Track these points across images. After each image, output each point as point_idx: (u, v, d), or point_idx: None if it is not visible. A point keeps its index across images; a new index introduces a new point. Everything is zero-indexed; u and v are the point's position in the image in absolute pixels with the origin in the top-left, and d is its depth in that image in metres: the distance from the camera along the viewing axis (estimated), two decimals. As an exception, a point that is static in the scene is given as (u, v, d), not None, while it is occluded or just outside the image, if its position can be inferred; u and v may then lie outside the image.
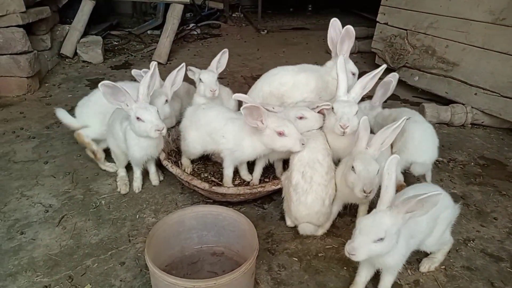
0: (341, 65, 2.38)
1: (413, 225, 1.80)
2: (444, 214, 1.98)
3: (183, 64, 2.82)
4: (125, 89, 2.29)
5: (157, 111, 2.38)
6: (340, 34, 2.74)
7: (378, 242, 1.63)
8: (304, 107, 2.53)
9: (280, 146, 2.29)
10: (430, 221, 1.91)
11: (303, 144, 2.25)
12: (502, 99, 3.51)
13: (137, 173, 2.72)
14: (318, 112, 2.50)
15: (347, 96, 2.35)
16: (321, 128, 2.50)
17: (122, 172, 2.80)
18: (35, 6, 4.39)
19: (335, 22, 2.83)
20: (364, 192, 1.95)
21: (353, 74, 2.83)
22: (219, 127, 2.51)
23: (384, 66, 2.46)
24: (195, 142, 2.63)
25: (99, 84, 2.24)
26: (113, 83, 2.26)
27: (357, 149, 2.08)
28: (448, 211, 2.01)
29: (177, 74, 2.81)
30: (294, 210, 2.27)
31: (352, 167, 2.01)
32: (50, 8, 4.72)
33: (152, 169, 2.78)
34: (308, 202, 2.21)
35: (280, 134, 2.24)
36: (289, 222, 2.44)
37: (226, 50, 2.95)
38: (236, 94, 2.48)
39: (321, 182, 2.22)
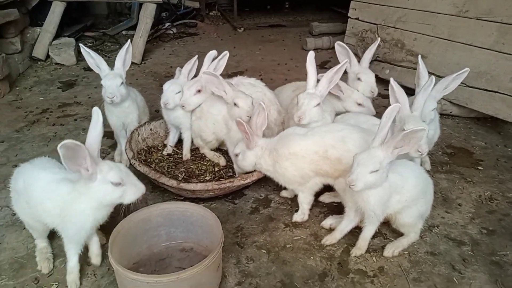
0: (311, 60, 2.60)
1: (400, 182, 2.02)
2: (427, 196, 2.18)
3: (128, 42, 2.81)
4: (87, 150, 1.70)
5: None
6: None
7: (373, 173, 1.86)
8: (241, 92, 2.64)
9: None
10: (417, 185, 2.09)
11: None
12: (468, 89, 3.61)
13: (73, 261, 1.94)
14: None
15: (314, 89, 2.56)
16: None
17: (42, 243, 2.14)
18: (2, 9, 4.31)
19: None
20: (419, 151, 2.17)
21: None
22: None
23: (347, 60, 2.60)
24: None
25: (58, 147, 1.60)
26: (75, 142, 1.63)
27: (404, 113, 2.29)
28: (430, 194, 2.21)
29: (127, 52, 2.78)
30: None
31: (403, 130, 2.15)
32: (19, 10, 4.64)
33: (94, 246, 2.03)
34: None
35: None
36: None
37: None
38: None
39: None
